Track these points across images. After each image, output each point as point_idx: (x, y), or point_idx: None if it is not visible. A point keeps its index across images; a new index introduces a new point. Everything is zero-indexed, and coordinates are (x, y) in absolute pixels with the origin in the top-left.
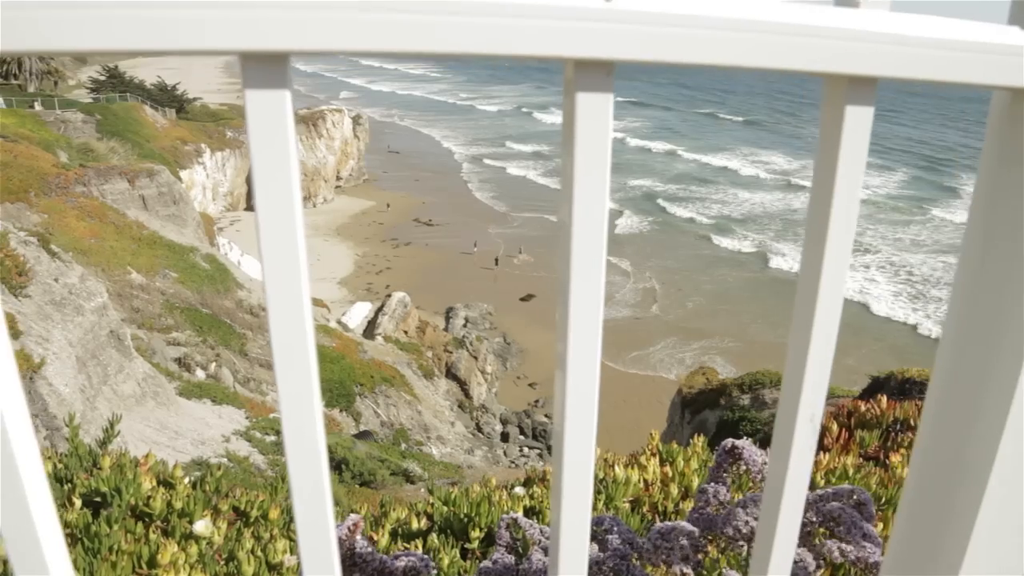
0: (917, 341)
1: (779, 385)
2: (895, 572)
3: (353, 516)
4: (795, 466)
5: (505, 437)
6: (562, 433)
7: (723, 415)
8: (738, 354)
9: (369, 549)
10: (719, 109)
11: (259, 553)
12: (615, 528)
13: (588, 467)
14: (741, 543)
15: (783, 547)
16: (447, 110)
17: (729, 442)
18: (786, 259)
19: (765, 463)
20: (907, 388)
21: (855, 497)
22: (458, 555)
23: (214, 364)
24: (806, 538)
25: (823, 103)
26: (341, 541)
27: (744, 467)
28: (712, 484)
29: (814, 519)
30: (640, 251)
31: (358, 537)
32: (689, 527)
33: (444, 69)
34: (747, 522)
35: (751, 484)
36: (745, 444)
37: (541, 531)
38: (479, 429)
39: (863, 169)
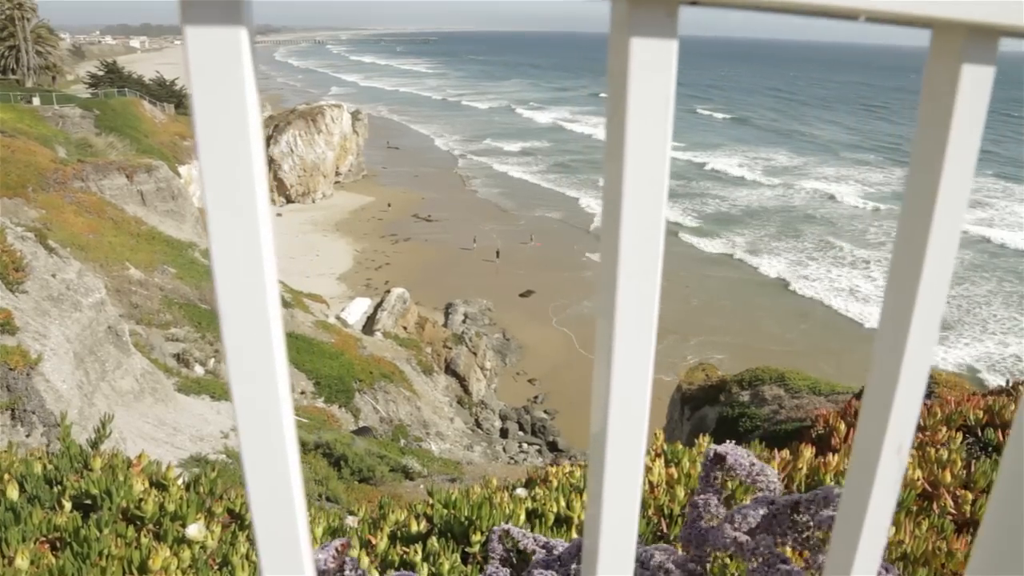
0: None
1: (778, 382)
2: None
3: (346, 518)
4: (876, 505)
5: (504, 433)
6: (604, 435)
7: (723, 411)
8: (736, 354)
9: (360, 573)
10: (708, 106)
11: (254, 558)
12: None
13: (636, 478)
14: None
15: None
16: (441, 107)
17: (712, 450)
18: (779, 259)
19: (753, 464)
20: None
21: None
22: (459, 560)
23: (213, 360)
24: (816, 549)
25: (930, 62)
26: (328, 568)
27: (732, 473)
28: (701, 495)
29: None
30: None
31: (347, 560)
32: (667, 562)
33: (436, 63)
34: (735, 538)
35: (744, 487)
36: (728, 449)
37: (535, 540)
38: (478, 425)
39: (978, 148)
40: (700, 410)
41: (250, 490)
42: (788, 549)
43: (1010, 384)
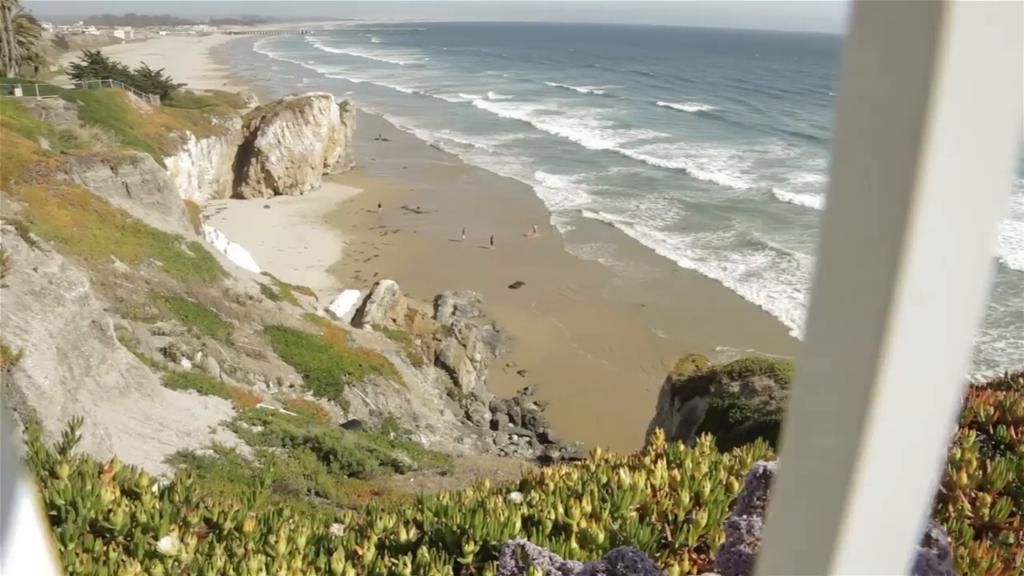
0: None
1: (768, 372)
2: None
3: (332, 526)
4: None
5: (494, 425)
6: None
7: (713, 402)
8: (725, 352)
9: None
10: (675, 99)
11: (231, 572)
12: (639, 564)
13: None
14: None
15: None
16: (413, 99)
17: (760, 466)
18: (767, 254)
19: None
20: None
21: (931, 535)
22: (451, 572)
23: (200, 354)
24: None
25: None
26: None
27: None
28: (744, 516)
29: None
30: (617, 249)
31: None
32: None
33: (416, 50)
34: None
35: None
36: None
37: (551, 560)
38: (468, 417)
39: None
40: (690, 401)
41: None
42: None
43: (1008, 376)
